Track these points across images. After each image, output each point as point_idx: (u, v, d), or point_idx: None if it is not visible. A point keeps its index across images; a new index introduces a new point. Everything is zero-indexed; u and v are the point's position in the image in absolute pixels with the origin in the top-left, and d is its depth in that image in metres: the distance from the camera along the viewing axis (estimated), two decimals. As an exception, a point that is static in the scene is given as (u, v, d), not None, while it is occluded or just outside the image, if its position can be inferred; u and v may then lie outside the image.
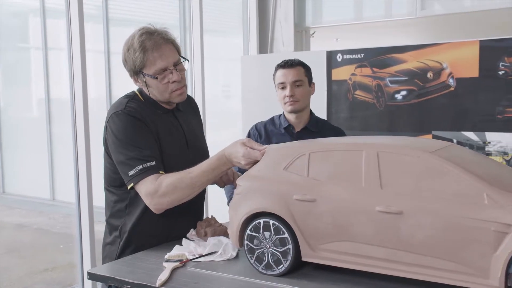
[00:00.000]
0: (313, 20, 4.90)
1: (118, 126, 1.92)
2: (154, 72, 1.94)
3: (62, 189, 6.80)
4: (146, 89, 2.00)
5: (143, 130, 1.92)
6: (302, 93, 2.69)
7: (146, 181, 1.86)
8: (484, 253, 1.30)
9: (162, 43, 1.95)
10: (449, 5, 4.30)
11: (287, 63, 2.72)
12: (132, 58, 1.93)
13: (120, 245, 2.01)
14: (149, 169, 1.87)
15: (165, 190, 1.85)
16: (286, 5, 4.79)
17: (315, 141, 1.71)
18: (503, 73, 3.43)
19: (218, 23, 5.77)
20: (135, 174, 1.87)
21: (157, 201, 1.87)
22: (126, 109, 1.94)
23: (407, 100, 3.79)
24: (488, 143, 3.52)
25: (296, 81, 2.67)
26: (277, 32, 4.83)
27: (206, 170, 1.86)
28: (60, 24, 7.12)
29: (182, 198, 1.89)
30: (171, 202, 1.88)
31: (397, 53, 3.81)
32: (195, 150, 2.12)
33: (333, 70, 4.04)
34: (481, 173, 1.38)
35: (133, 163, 1.87)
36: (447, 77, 3.64)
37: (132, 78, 2.03)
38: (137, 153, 1.88)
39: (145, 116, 1.96)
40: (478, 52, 3.50)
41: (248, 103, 4.48)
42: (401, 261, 1.41)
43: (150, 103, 2.03)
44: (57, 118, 7.00)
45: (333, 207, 1.49)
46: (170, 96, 2.01)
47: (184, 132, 2.09)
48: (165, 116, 2.05)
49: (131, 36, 1.96)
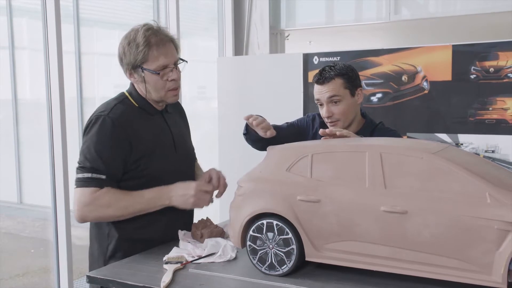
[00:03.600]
0: (287, 23, 4.94)
1: (94, 129, 1.93)
2: (156, 67, 1.96)
3: (31, 192, 6.64)
4: (142, 85, 2.00)
5: (116, 139, 1.92)
6: (342, 111, 2.29)
7: (84, 190, 1.89)
8: (487, 251, 1.35)
9: (166, 41, 1.98)
10: (422, 10, 4.42)
11: (321, 77, 2.31)
12: (134, 52, 1.94)
13: (109, 250, 2.00)
14: (94, 180, 1.89)
15: (98, 205, 1.88)
16: (261, 7, 4.82)
17: (317, 142, 1.74)
18: (474, 77, 3.55)
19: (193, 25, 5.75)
20: (81, 179, 1.90)
21: (84, 213, 1.89)
22: (110, 114, 1.95)
23: (382, 102, 3.87)
24: (460, 145, 3.63)
25: (332, 97, 2.29)
26: (253, 34, 4.85)
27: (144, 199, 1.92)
28: (26, 22, 6.96)
29: (110, 218, 1.94)
30: (97, 218, 1.94)
31: (372, 56, 3.89)
32: (183, 152, 2.14)
33: (310, 73, 4.09)
34: (481, 173, 1.44)
35: (85, 170, 1.90)
36: (421, 80, 3.74)
37: (127, 73, 2.02)
38: (93, 163, 1.90)
39: (130, 122, 1.96)
40: (451, 56, 3.61)
41: (224, 104, 4.49)
42: (406, 259, 1.45)
43: (140, 105, 2.04)
44: (25, 120, 6.83)
45: (338, 207, 1.52)
46: (166, 95, 2.02)
47: (172, 134, 2.10)
48: (154, 118, 2.06)
49: (133, 31, 1.98)
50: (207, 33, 5.48)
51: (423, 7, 4.42)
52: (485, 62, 3.52)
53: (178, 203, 1.95)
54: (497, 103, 3.50)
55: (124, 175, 1.96)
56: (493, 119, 3.52)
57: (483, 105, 3.54)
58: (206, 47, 5.73)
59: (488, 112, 3.54)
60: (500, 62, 3.44)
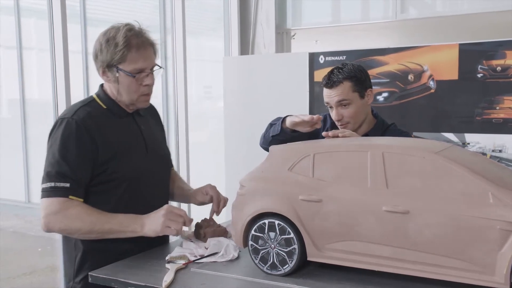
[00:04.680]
0: (293, 22, 4.94)
1: (58, 133, 1.86)
2: (132, 70, 1.89)
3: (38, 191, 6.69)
4: (114, 85, 1.93)
5: (80, 142, 1.85)
6: (351, 113, 2.27)
7: (51, 200, 1.81)
8: (489, 251, 1.34)
9: (147, 45, 1.92)
10: (428, 9, 4.40)
11: (329, 81, 2.28)
12: (112, 51, 1.86)
13: (77, 261, 1.93)
14: (59, 189, 1.81)
15: (66, 215, 1.80)
16: (267, 6, 4.82)
17: (319, 142, 1.73)
18: (481, 75, 3.53)
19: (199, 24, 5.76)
20: (45, 189, 1.82)
21: (51, 222, 1.81)
22: (74, 116, 1.87)
23: (388, 101, 3.85)
24: (467, 144, 3.61)
25: (340, 101, 2.27)
26: (259, 34, 4.85)
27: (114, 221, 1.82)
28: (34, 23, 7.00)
29: (76, 232, 1.83)
30: (63, 229, 1.84)
31: (378, 56, 3.87)
32: (155, 156, 2.04)
33: (315, 72, 4.08)
34: (484, 172, 1.43)
35: (48, 178, 1.82)
36: (428, 79, 3.72)
37: (100, 70, 1.94)
38: (56, 170, 1.81)
39: (95, 124, 1.89)
40: (457, 55, 3.59)
41: (230, 104, 4.49)
42: (408, 260, 1.44)
43: (108, 107, 1.97)
44: (32, 119, 6.88)
45: (340, 207, 1.51)
46: (137, 99, 1.96)
47: (143, 136, 2.02)
48: (123, 120, 1.99)
49: (113, 29, 1.90)
50: (213, 32, 5.49)
51: (430, 6, 4.40)
52: (492, 61, 3.50)
53: (149, 228, 1.80)
54: (504, 102, 3.48)
55: (93, 180, 1.87)
56: (500, 119, 3.49)
57: (490, 104, 3.52)
58: (212, 46, 5.74)
59: (495, 112, 3.51)
60: (508, 60, 3.41)
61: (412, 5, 4.41)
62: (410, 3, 4.39)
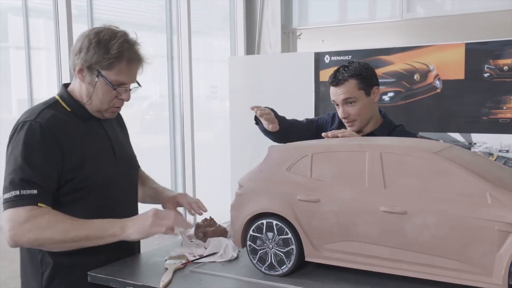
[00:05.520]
0: (299, 22, 4.93)
1: (20, 138, 1.70)
2: (114, 81, 1.78)
3: None
4: (88, 88, 1.80)
5: (45, 146, 1.71)
6: (357, 111, 2.27)
7: (17, 210, 1.64)
8: (487, 252, 1.33)
9: (137, 61, 1.82)
10: (434, 8, 4.37)
11: (334, 79, 2.30)
12: (100, 55, 1.75)
13: (44, 278, 1.78)
14: (26, 197, 1.64)
15: (36, 225, 1.64)
16: (273, 6, 4.81)
17: (317, 142, 1.72)
18: (488, 75, 3.50)
19: (205, 24, 5.76)
20: (9, 199, 1.65)
21: (18, 233, 1.63)
22: (37, 119, 1.73)
23: (394, 101, 3.84)
24: (473, 144, 3.58)
25: (346, 99, 2.28)
26: (264, 34, 4.85)
27: (90, 227, 1.69)
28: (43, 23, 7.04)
29: (48, 242, 1.67)
30: (33, 241, 1.66)
31: (384, 55, 3.86)
32: (123, 160, 1.93)
33: (321, 72, 4.07)
34: (482, 173, 1.41)
35: (11, 187, 1.66)
36: (434, 79, 3.70)
37: (76, 67, 1.79)
38: (20, 177, 1.66)
39: (60, 128, 1.75)
40: (464, 54, 3.57)
41: (235, 104, 4.49)
42: (405, 260, 1.43)
43: (72, 110, 1.83)
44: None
45: (338, 207, 1.50)
46: (106, 110, 1.85)
47: (110, 140, 1.91)
48: (89, 124, 1.86)
49: (108, 32, 1.79)
50: (221, 32, 5.49)
51: (438, 5, 4.37)
52: (499, 60, 3.47)
53: (134, 230, 1.71)
54: (511, 102, 3.45)
55: (60, 189, 1.74)
56: (507, 118, 3.47)
57: (497, 104, 3.49)
58: (220, 46, 5.74)
59: (502, 111, 3.49)
60: (515, 60, 3.39)
61: (419, 4, 4.39)
62: (416, 2, 4.37)
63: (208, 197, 2.72)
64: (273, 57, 4.63)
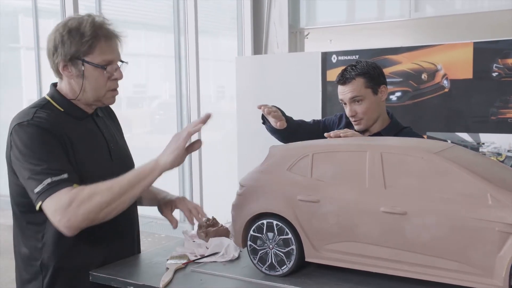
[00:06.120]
0: (307, 21, 4.92)
1: (22, 139, 1.67)
2: (101, 61, 1.73)
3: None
4: (77, 81, 1.75)
5: (51, 142, 1.67)
6: (364, 109, 2.29)
7: (56, 195, 1.60)
8: (488, 253, 1.31)
9: (114, 36, 1.78)
10: (443, 7, 4.34)
11: (342, 78, 2.33)
12: (77, 41, 1.70)
13: (45, 283, 1.76)
14: (59, 182, 1.62)
15: (81, 199, 1.60)
16: (280, 6, 4.81)
17: (318, 142, 1.72)
18: (496, 74, 3.47)
19: (212, 24, 5.77)
20: (43, 189, 1.61)
21: (70, 216, 1.59)
22: (33, 120, 1.68)
23: (401, 101, 3.81)
24: (482, 144, 3.55)
25: (353, 98, 2.30)
26: (272, 33, 4.85)
27: (128, 175, 1.67)
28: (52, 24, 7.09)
29: (100, 208, 1.62)
30: (87, 214, 1.61)
31: (391, 55, 3.84)
32: (119, 161, 1.89)
33: (328, 71, 4.06)
34: (484, 173, 1.40)
35: (40, 178, 1.62)
36: (442, 79, 3.68)
37: (59, 65, 1.74)
38: (45, 167, 1.63)
39: (57, 127, 1.71)
40: (472, 53, 3.54)
41: (242, 103, 4.49)
42: (405, 261, 1.42)
43: (65, 110, 1.79)
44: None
45: (337, 208, 1.49)
46: (104, 95, 1.80)
47: (105, 139, 1.87)
48: (83, 122, 1.82)
49: (74, 19, 1.74)
50: (231, 32, 5.49)
51: (444, 4, 4.34)
52: (508, 60, 3.44)
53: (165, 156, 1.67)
54: (520, 102, 3.42)
55: None
56: (516, 118, 3.44)
57: (506, 104, 3.46)
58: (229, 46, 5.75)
59: (511, 111, 3.45)
60: (524, 59, 3.36)
61: (428, 3, 4.36)
62: (425, 1, 4.34)
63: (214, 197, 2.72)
64: (280, 57, 4.62)
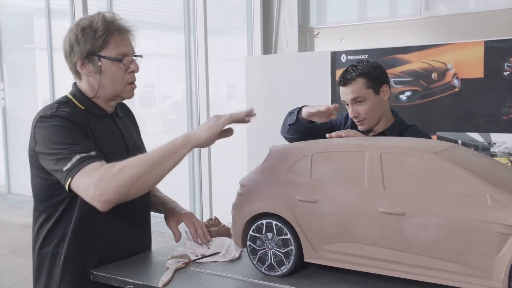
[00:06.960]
0: (317, 21, 4.90)
1: (47, 128, 1.69)
2: (116, 54, 1.77)
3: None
4: (95, 78, 1.79)
5: (76, 129, 1.70)
6: (366, 110, 2.28)
7: (86, 170, 1.60)
8: (487, 255, 1.29)
9: (125, 30, 1.81)
10: (454, 6, 4.30)
11: (342, 79, 2.31)
12: (91, 38, 1.74)
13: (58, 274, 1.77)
14: (88, 157, 1.62)
15: (112, 172, 1.59)
16: (290, 5, 4.79)
17: (317, 142, 1.71)
18: (508, 73, 3.42)
19: (222, 23, 5.77)
20: (72, 166, 1.61)
21: (102, 189, 1.57)
22: (56, 113, 1.72)
23: (411, 100, 3.78)
24: (493, 144, 3.51)
25: (355, 99, 2.29)
26: (281, 33, 4.83)
27: (159, 148, 1.65)
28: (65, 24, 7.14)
29: (133, 180, 1.59)
30: (119, 187, 1.58)
31: (401, 54, 3.81)
32: None
33: (337, 71, 4.04)
34: (484, 174, 1.38)
35: (69, 156, 1.62)
36: (452, 78, 3.64)
37: (78, 63, 1.78)
38: (72, 148, 1.63)
39: (81, 122, 1.73)
40: (483, 52, 3.50)
41: (252, 103, 4.47)
42: (404, 262, 1.40)
43: (86, 108, 1.82)
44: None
45: (336, 208, 1.48)
46: (123, 90, 1.82)
47: (124, 139, 1.89)
48: (103, 121, 1.85)
49: (85, 19, 1.79)
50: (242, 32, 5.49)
51: (455, 2, 4.30)
52: (519, 59, 3.40)
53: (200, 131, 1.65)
54: (531, 101, 3.38)
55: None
56: (527, 118, 3.39)
57: (517, 103, 3.42)
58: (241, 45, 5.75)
59: (522, 111, 3.41)
60: (536, 58, 3.31)
61: (439, 1, 4.32)
62: (436, 0, 4.30)
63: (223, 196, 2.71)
64: (289, 56, 4.61)
